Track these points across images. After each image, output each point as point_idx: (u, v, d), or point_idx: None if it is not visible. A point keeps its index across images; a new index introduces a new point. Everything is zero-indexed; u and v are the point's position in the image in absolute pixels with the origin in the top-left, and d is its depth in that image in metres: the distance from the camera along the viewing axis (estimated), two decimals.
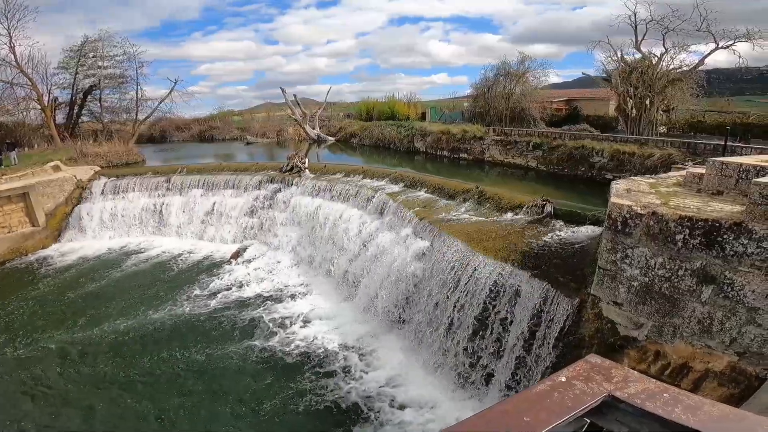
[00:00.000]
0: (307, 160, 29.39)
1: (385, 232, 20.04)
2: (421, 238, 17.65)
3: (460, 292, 14.13)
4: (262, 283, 22.20)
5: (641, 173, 19.34)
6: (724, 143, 22.39)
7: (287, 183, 28.17)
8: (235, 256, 25.49)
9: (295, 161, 28.97)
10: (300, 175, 28.06)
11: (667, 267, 8.90)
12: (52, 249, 28.11)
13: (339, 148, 47.87)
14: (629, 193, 10.75)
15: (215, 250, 26.83)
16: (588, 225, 14.51)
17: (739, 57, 31.61)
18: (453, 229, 16.45)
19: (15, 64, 43.37)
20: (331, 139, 52.55)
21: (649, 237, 9.16)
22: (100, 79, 50.17)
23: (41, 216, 28.65)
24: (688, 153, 23.41)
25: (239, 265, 24.67)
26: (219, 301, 20.56)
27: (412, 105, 58.63)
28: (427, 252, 16.78)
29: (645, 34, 33.83)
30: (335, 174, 27.46)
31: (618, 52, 35.40)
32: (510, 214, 17.13)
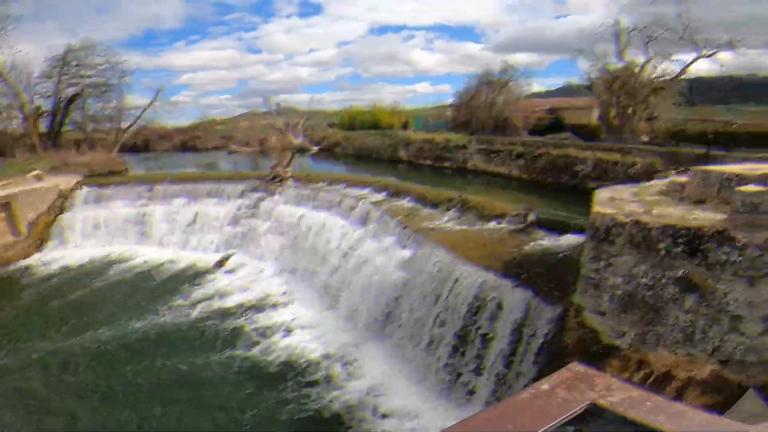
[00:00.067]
0: (290, 169, 29.36)
1: (368, 241, 19.97)
2: (404, 247, 17.61)
3: (441, 306, 14.02)
4: (244, 293, 21.94)
5: (624, 182, 19.37)
6: (706, 152, 22.52)
7: (270, 192, 28.08)
8: (218, 266, 25.28)
9: (278, 170, 28.96)
10: (283, 184, 28.07)
11: (651, 275, 8.90)
12: (35, 258, 27.74)
13: (322, 157, 47.80)
14: (612, 201, 10.78)
15: (198, 259, 26.52)
16: (571, 233, 14.44)
17: (721, 66, 31.97)
18: (436, 238, 16.39)
19: None
20: (315, 148, 52.28)
21: (632, 245, 9.17)
22: (84, 88, 49.58)
23: (23, 226, 28.21)
24: (671, 161, 23.52)
25: (222, 274, 24.48)
26: (201, 310, 20.33)
27: (395, 113, 58.75)
28: (410, 261, 16.71)
29: (628, 43, 34.15)
30: (319, 183, 27.42)
31: (601, 61, 35.66)
32: (493, 223, 17.10)
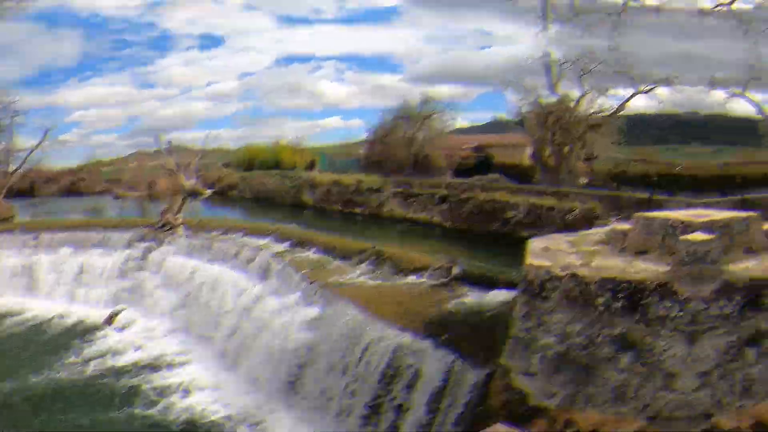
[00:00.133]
0: (181, 216, 29.60)
1: (268, 298, 19.93)
2: (310, 304, 17.63)
3: (351, 376, 13.91)
4: (138, 351, 22.09)
5: (561, 229, 19.77)
6: (649, 196, 23.35)
7: (159, 241, 28.33)
8: (108, 322, 25.33)
9: (168, 217, 29.11)
10: (174, 233, 28.41)
11: (586, 334, 8.84)
12: None
13: (217, 202, 47.19)
14: (547, 252, 10.76)
15: (86, 315, 26.55)
16: (500, 289, 14.47)
17: (660, 102, 33.47)
18: (347, 294, 16.40)
19: None
20: (209, 192, 51.69)
21: (568, 301, 9.07)
22: None
23: None
24: (612, 206, 24.20)
25: (113, 330, 24.64)
26: (95, 368, 20.57)
27: (298, 151, 57.94)
28: (316, 321, 16.71)
29: (560, 76, 35.20)
30: (213, 231, 27.92)
31: (533, 95, 36.55)
32: (412, 277, 17.09)
